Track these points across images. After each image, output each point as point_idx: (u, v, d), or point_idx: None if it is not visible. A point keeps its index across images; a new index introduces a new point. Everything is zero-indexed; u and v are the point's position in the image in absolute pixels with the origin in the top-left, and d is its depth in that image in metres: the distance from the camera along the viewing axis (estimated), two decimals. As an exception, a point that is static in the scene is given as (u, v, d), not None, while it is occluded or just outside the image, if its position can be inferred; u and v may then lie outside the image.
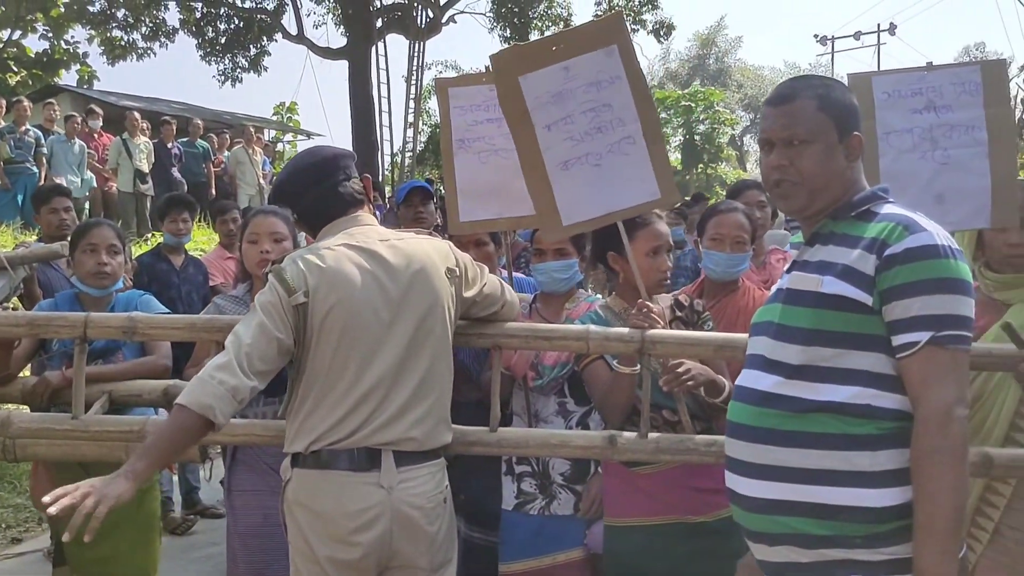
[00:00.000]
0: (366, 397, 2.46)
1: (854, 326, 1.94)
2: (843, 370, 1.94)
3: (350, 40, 22.21)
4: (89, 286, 3.53)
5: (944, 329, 1.87)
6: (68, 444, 2.96)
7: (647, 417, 2.72)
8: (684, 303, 3.10)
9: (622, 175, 2.94)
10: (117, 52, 21.96)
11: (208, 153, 14.08)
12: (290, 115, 26.91)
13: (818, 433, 1.94)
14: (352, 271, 2.50)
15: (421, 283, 2.54)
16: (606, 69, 2.92)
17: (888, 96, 2.69)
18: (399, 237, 2.62)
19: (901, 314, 1.90)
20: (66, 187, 6.49)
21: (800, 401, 1.97)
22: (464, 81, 3.41)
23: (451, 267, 2.63)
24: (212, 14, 22.90)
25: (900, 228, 1.94)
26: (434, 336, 2.55)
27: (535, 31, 23.47)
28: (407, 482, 2.49)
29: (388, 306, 2.50)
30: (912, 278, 1.89)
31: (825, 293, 1.97)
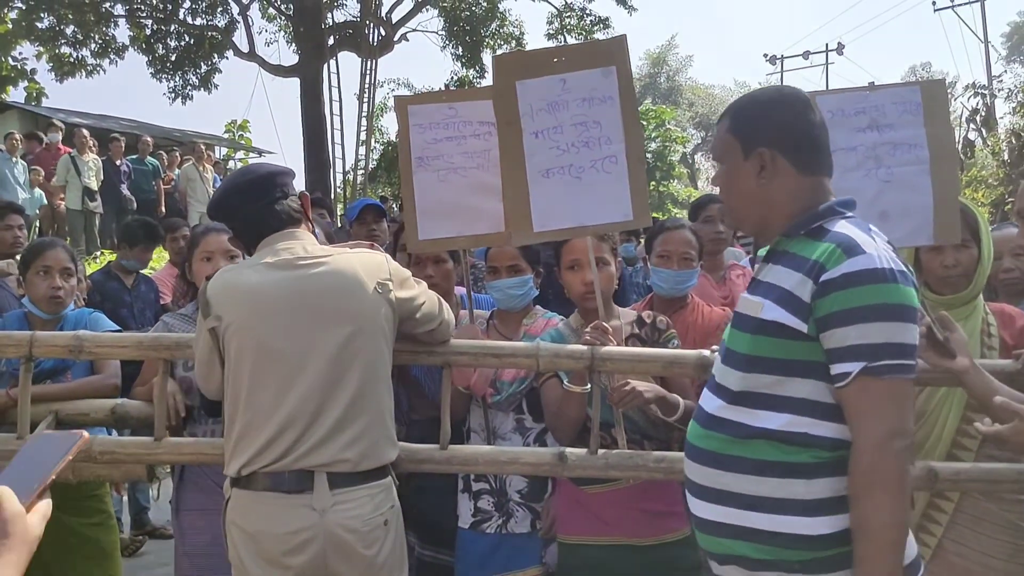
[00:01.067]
0: (292, 420, 2.46)
1: (792, 353, 1.91)
2: (781, 397, 1.92)
3: (302, 58, 22.08)
4: (42, 310, 3.49)
5: (880, 359, 1.82)
6: (13, 465, 2.91)
7: (597, 434, 2.76)
8: (646, 320, 3.12)
9: (600, 191, 2.99)
10: (66, 69, 21.58)
11: (158, 170, 13.92)
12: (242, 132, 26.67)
13: (756, 460, 1.92)
14: (267, 291, 2.51)
15: (346, 301, 2.53)
16: (601, 88, 3.00)
17: (832, 115, 2.75)
18: (327, 254, 2.61)
19: (837, 343, 1.85)
20: (19, 204, 6.41)
21: (740, 426, 1.96)
22: (423, 99, 3.42)
23: (382, 280, 2.60)
24: (162, 31, 22.61)
25: (839, 252, 1.87)
26: (364, 354, 2.53)
27: (487, 49, 23.55)
28: (342, 504, 2.47)
29: (308, 326, 2.49)
30: (848, 305, 1.83)
31: (764, 319, 1.94)
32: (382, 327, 2.58)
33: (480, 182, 3.23)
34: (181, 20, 22.40)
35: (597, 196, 2.98)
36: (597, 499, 2.93)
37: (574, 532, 2.97)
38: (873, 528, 1.79)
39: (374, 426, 2.54)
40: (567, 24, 23.22)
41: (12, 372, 3.29)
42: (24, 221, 5.36)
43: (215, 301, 2.55)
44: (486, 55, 23.51)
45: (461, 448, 2.91)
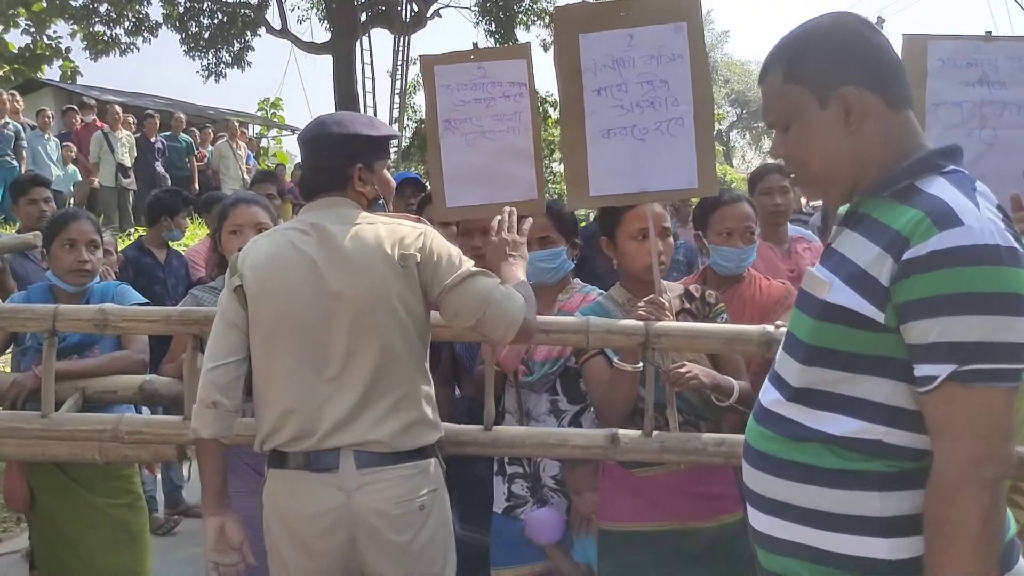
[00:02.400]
0: (306, 397, 2.31)
1: (864, 346, 1.56)
2: (849, 398, 1.59)
3: (334, 35, 22.02)
4: (68, 283, 3.36)
5: (971, 362, 1.45)
6: (38, 444, 2.82)
7: (651, 415, 2.57)
8: (695, 294, 2.93)
9: (664, 156, 2.81)
10: (100, 47, 21.73)
11: (191, 147, 13.92)
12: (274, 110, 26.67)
13: (817, 467, 1.61)
14: (290, 256, 2.36)
15: (363, 272, 2.32)
16: (670, 45, 2.82)
17: (942, 64, 2.53)
18: (355, 222, 2.40)
19: (919, 338, 1.49)
20: (44, 177, 6.34)
21: (798, 427, 1.64)
22: (451, 59, 3.22)
23: (406, 253, 2.35)
24: (195, 9, 22.67)
25: (928, 222, 1.48)
26: (381, 330, 2.32)
27: (520, 26, 23.35)
28: (370, 485, 2.30)
29: (324, 297, 2.32)
30: (935, 291, 1.46)
31: (830, 303, 1.60)
32: (397, 305, 2.34)
33: (511, 146, 3.07)
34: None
35: (661, 160, 2.81)
36: (648, 483, 2.73)
37: (620, 519, 2.78)
38: (943, 571, 1.47)
39: (403, 407, 2.35)
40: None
41: (38, 347, 3.17)
42: (50, 194, 5.25)
43: (243, 262, 2.41)
44: (519, 31, 23.36)
45: (506, 429, 2.75)
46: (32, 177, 5.71)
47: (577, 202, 2.93)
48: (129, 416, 2.90)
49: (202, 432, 2.39)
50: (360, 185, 2.45)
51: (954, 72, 2.63)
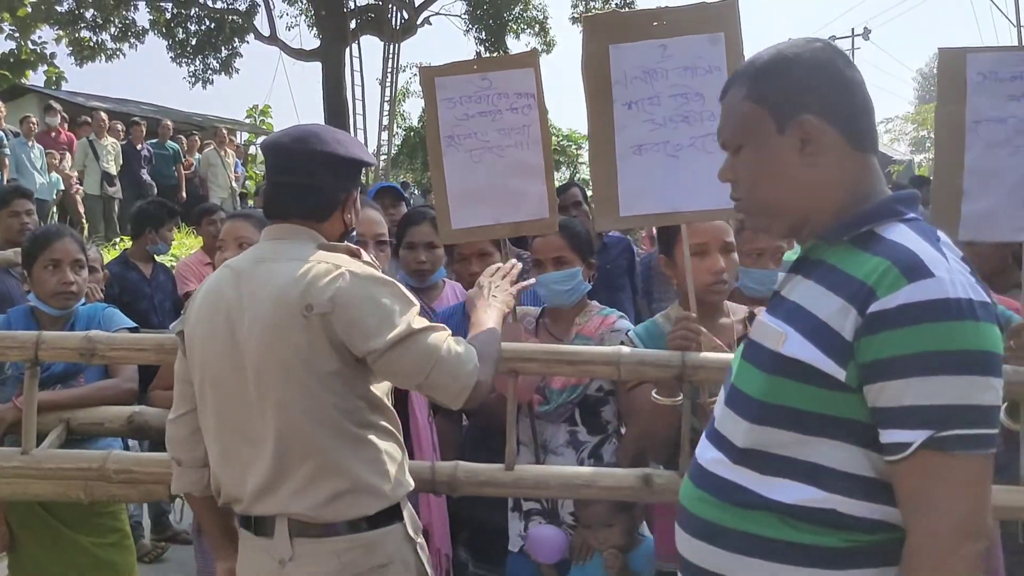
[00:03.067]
0: (229, 457, 2.09)
1: (821, 406, 1.42)
2: (802, 463, 1.44)
3: (323, 41, 21.89)
4: (51, 307, 3.14)
5: (949, 427, 1.32)
6: (18, 482, 2.61)
7: (687, 453, 2.38)
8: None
9: (698, 174, 2.61)
10: (85, 53, 21.53)
11: (178, 155, 13.71)
12: (263, 117, 26.50)
13: (765, 538, 1.46)
14: (213, 301, 2.11)
15: (259, 320, 2.01)
16: (707, 56, 2.64)
17: (983, 78, 2.36)
18: (278, 257, 2.07)
19: (889, 401, 1.35)
20: (27, 188, 6.11)
21: (744, 492, 1.49)
22: (453, 70, 3.02)
23: (311, 301, 1.97)
24: (183, 15, 22.51)
25: (896, 272, 1.36)
26: (276, 389, 2.00)
27: (511, 34, 23.32)
28: (303, 558, 2.03)
29: (234, 348, 2.04)
30: (906, 349, 1.33)
31: (785, 356, 1.46)
32: (292, 360, 1.99)
33: (519, 162, 2.88)
34: (202, 4, 22.30)
35: (695, 178, 2.62)
36: None
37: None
38: None
39: (323, 476, 2.01)
40: (592, 8, 22.88)
41: (19, 376, 2.96)
42: (33, 206, 5.02)
43: (190, 302, 2.22)
44: (509, 39, 23.34)
45: (529, 469, 2.53)
46: (14, 188, 5.49)
47: (606, 222, 2.76)
48: (117, 453, 2.69)
49: (173, 487, 2.28)
50: (349, 213, 2.19)
51: (996, 86, 2.46)
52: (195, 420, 2.18)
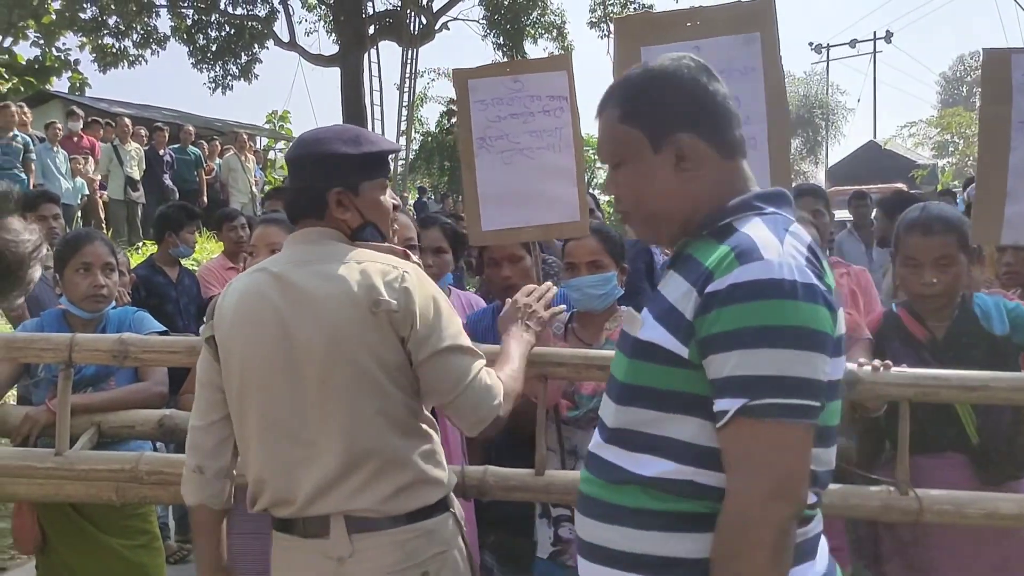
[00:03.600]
0: (278, 461, 2.07)
1: (672, 383, 1.52)
2: (662, 438, 1.53)
3: (342, 47, 21.97)
4: (83, 310, 3.17)
5: (762, 396, 1.41)
6: (51, 483, 2.64)
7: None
8: None
9: None
10: (108, 59, 21.73)
11: (200, 160, 13.79)
12: (282, 123, 26.63)
13: (635, 509, 1.54)
14: (254, 304, 2.09)
15: (325, 321, 2.01)
16: (741, 57, 2.61)
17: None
18: (325, 259, 2.09)
19: (715, 373, 1.46)
20: (54, 193, 6.17)
21: (615, 469, 1.59)
22: (486, 72, 3.04)
23: (379, 298, 2.00)
24: (203, 21, 22.66)
25: (732, 256, 1.48)
26: (349, 389, 2.01)
27: (528, 39, 23.35)
28: (364, 552, 2.03)
29: (290, 351, 2.03)
30: (732, 325, 1.44)
31: (641, 339, 1.57)
32: (366, 359, 2.01)
33: (551, 164, 2.89)
34: (222, 10, 22.43)
35: None
36: None
37: None
38: None
39: (389, 472, 2.04)
40: (611, 12, 22.86)
41: (51, 379, 2.98)
42: (60, 211, 5.07)
43: (216, 308, 2.18)
44: (527, 44, 23.35)
45: (560, 474, 2.52)
46: (41, 192, 5.55)
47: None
48: (149, 455, 2.71)
49: (187, 499, 2.23)
50: (339, 211, 2.13)
51: None
52: (225, 428, 2.17)
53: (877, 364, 2.30)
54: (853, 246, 7.67)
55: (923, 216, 2.80)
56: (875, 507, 2.30)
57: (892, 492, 2.28)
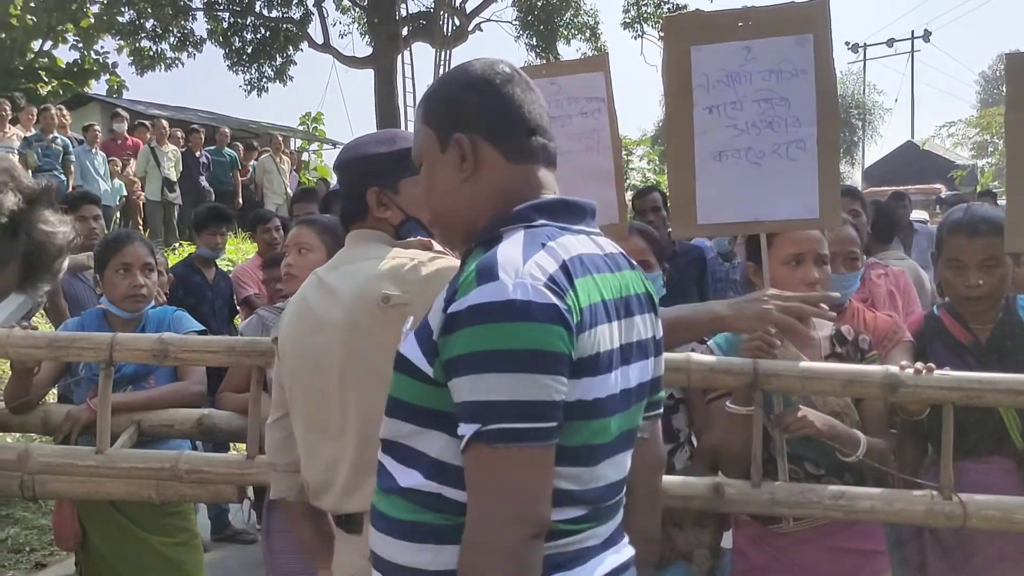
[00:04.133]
0: (315, 457, 2.09)
1: (423, 398, 1.52)
2: (414, 451, 1.54)
3: (375, 49, 22.09)
4: (123, 310, 3.21)
5: (493, 421, 1.39)
6: (92, 481, 2.66)
7: (759, 464, 2.34)
8: (847, 336, 2.63)
9: (781, 182, 2.54)
10: (145, 62, 22.03)
11: (235, 162, 13.89)
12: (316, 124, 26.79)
13: (394, 519, 1.56)
14: (298, 307, 2.12)
15: (342, 319, 2.00)
16: (793, 59, 2.54)
17: None
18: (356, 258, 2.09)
19: (457, 396, 1.44)
20: (94, 194, 6.24)
21: (385, 477, 1.60)
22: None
23: (389, 292, 1.96)
24: (239, 24, 22.89)
25: (473, 275, 1.44)
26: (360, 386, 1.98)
27: (562, 40, 23.33)
28: None
29: (318, 350, 2.04)
30: (465, 349, 1.41)
31: (400, 353, 1.57)
32: (375, 355, 1.93)
33: (590, 166, 2.83)
34: (257, 13, 22.63)
35: (778, 187, 2.54)
36: (786, 540, 2.48)
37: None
38: None
39: None
40: (644, 12, 22.80)
41: (91, 377, 3.01)
42: (100, 212, 5.13)
43: (286, 309, 2.22)
44: (560, 45, 23.33)
45: None
46: (82, 194, 5.62)
47: (683, 229, 2.70)
48: (189, 453, 2.73)
49: (271, 492, 2.26)
50: (380, 211, 2.13)
51: None
52: (288, 425, 2.19)
53: (920, 367, 2.26)
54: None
55: (968, 217, 2.75)
56: (920, 512, 2.26)
57: (935, 497, 2.24)
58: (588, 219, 1.65)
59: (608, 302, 1.52)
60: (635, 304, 1.61)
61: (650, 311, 1.66)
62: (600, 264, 1.56)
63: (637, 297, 1.62)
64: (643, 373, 1.62)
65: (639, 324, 1.61)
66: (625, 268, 1.64)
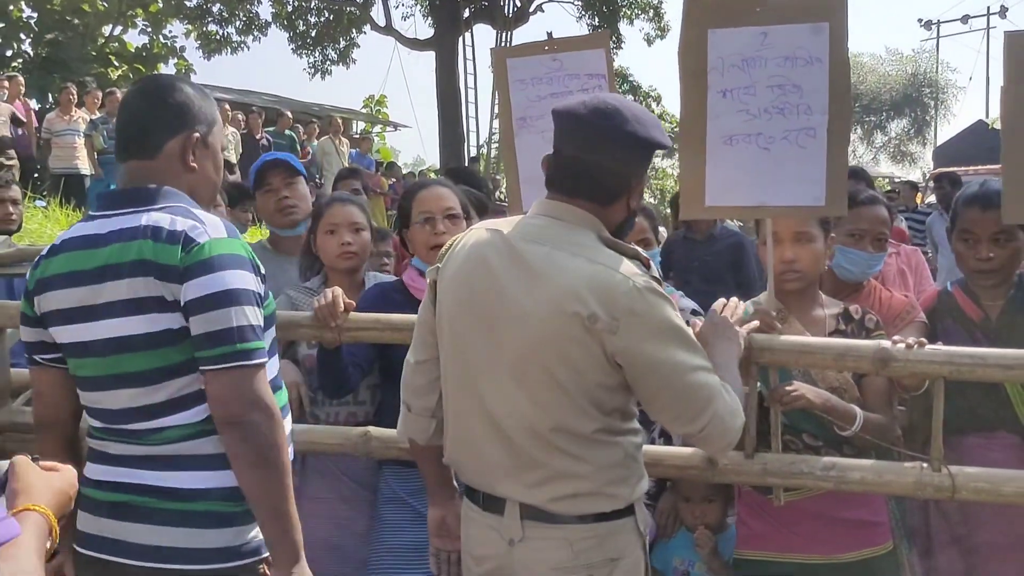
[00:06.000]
0: (461, 423, 2.08)
1: None
2: None
3: (437, 31, 22.18)
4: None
5: None
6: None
7: (753, 435, 2.40)
8: (853, 315, 2.66)
9: (789, 168, 2.56)
10: (212, 46, 22.46)
11: (294, 143, 14.13)
12: (379, 107, 27.06)
13: None
14: (479, 265, 2.03)
15: (533, 314, 1.93)
16: (808, 46, 2.55)
17: None
18: (563, 247, 1.96)
19: None
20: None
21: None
22: (524, 51, 3.02)
23: (596, 312, 1.87)
24: (303, 7, 23.16)
25: None
26: (533, 389, 1.95)
27: (624, 19, 23.14)
28: (532, 541, 1.99)
29: (487, 325, 1.99)
30: None
31: None
32: (558, 367, 1.92)
33: None
34: (321, -4, 22.82)
35: (786, 173, 2.56)
36: (785, 509, 2.53)
37: (751, 547, 2.62)
38: None
39: (562, 479, 1.97)
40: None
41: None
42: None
43: (450, 251, 2.12)
44: (622, 25, 23.15)
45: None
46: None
47: (692, 211, 2.71)
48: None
49: (398, 432, 2.31)
50: (635, 200, 2.07)
51: None
52: (434, 370, 2.15)
53: (912, 342, 2.30)
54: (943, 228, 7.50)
55: (983, 191, 2.76)
56: (909, 483, 2.30)
57: (925, 469, 2.29)
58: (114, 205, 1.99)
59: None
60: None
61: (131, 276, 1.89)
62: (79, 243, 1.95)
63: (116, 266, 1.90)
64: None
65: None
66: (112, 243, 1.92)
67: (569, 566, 1.98)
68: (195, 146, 2.06)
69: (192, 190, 2.05)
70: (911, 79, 43.28)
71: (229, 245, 1.93)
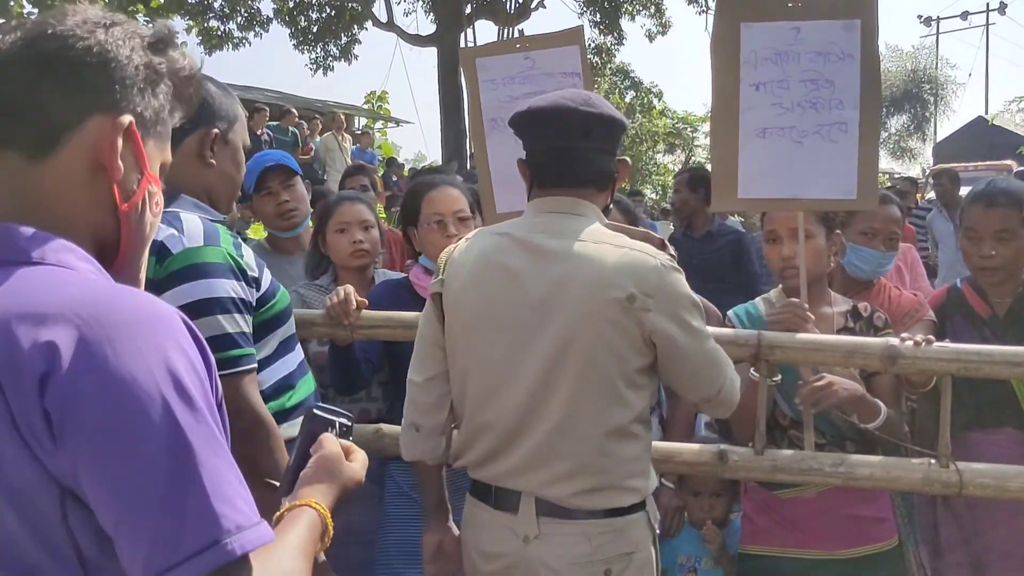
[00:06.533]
0: (489, 426, 2.05)
1: None
2: None
3: (439, 27, 22.15)
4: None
5: None
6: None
7: (763, 432, 2.43)
8: (862, 312, 2.68)
9: (821, 162, 2.59)
10: (214, 42, 22.40)
11: (297, 139, 14.14)
12: (380, 103, 27.02)
13: None
14: (495, 271, 2.03)
15: (577, 307, 1.94)
16: (840, 42, 2.58)
17: None
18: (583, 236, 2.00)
19: None
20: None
21: None
22: (495, 49, 2.96)
23: (633, 292, 1.91)
24: (305, 3, 23.13)
25: None
26: (569, 378, 1.95)
27: (626, 16, 23.12)
28: (549, 537, 2.00)
29: (519, 324, 1.99)
30: None
31: None
32: (600, 352, 1.94)
33: None
34: (322, -9, 22.79)
35: (818, 167, 2.59)
36: (791, 506, 2.56)
37: (757, 542, 2.64)
38: None
39: (586, 472, 1.99)
40: (707, -10, 22.47)
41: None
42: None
43: (451, 262, 2.12)
44: (624, 21, 23.16)
45: None
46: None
47: (723, 203, 2.74)
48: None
49: (403, 453, 2.27)
50: (620, 181, 2.16)
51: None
52: (442, 385, 2.16)
53: (919, 339, 2.32)
54: (942, 225, 7.52)
55: (988, 188, 2.80)
56: (917, 479, 2.33)
57: (932, 465, 2.31)
58: None
59: None
60: None
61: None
62: None
63: None
64: None
65: None
66: None
67: (588, 560, 1.99)
68: (213, 142, 2.03)
69: (209, 188, 2.04)
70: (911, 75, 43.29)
71: (205, 253, 1.90)
